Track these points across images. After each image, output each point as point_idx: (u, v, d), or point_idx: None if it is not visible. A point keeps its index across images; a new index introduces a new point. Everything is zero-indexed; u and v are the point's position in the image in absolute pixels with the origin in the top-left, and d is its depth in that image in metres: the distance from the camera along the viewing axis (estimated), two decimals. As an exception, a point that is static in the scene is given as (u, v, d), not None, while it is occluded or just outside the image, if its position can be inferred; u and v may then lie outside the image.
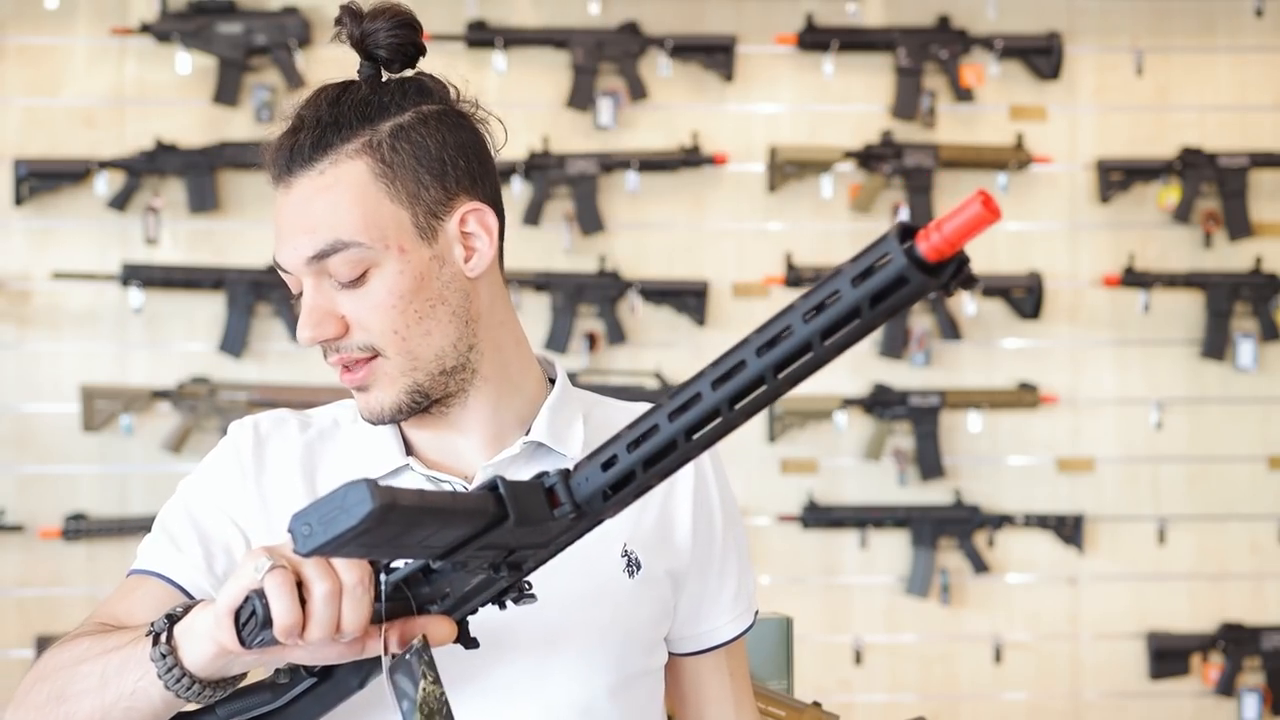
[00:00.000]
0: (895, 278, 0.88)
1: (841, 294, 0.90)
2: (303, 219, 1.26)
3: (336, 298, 1.26)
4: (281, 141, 1.27)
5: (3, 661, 3.71)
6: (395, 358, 1.26)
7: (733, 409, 0.96)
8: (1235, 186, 3.91)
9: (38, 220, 3.75)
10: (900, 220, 0.86)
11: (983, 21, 3.95)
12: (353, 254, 1.24)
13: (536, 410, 1.35)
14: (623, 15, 3.86)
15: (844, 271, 0.90)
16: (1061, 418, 3.93)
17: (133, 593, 1.32)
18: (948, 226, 0.86)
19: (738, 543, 1.42)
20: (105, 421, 3.67)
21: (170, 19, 3.73)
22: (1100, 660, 3.93)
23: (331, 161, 1.26)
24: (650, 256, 3.85)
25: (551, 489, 1.02)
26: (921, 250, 0.87)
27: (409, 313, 1.26)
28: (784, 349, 0.93)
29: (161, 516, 1.37)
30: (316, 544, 0.92)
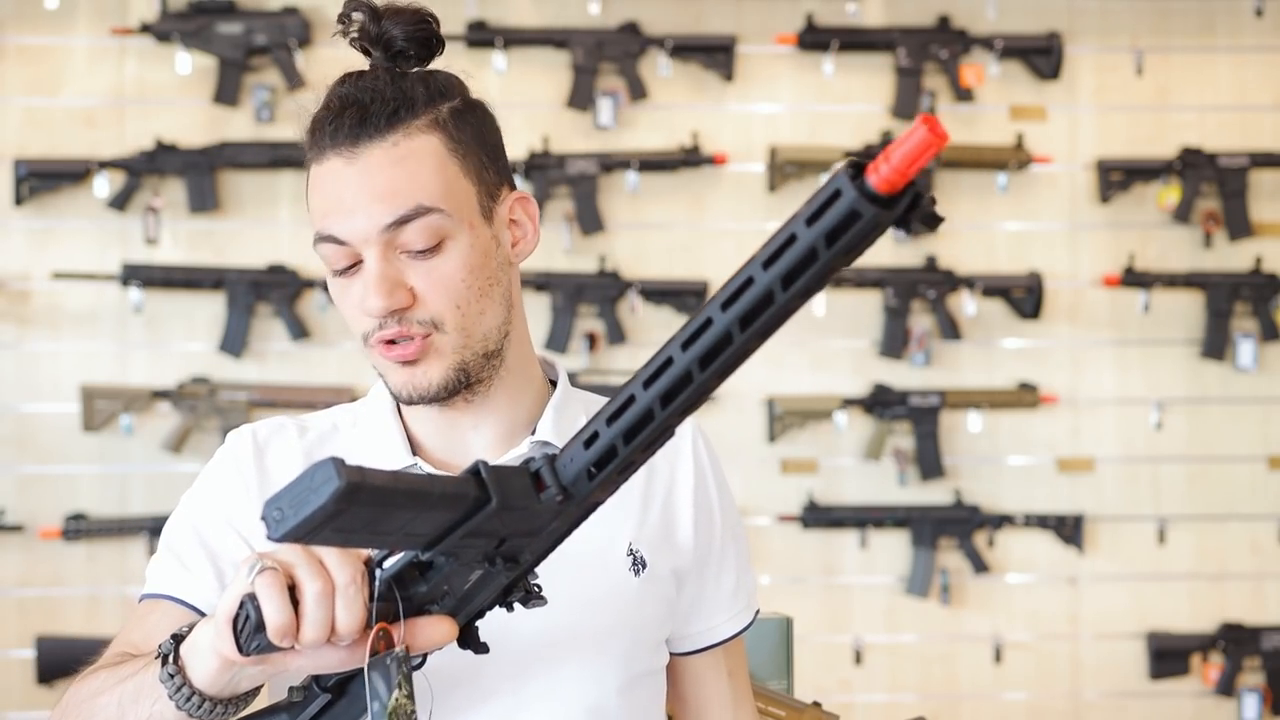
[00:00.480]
0: (848, 212, 0.87)
1: (798, 236, 0.89)
2: (378, 186, 1.24)
3: (405, 270, 1.25)
4: (341, 116, 1.25)
5: (3, 661, 3.71)
6: (452, 334, 1.26)
7: (704, 369, 0.95)
8: (1235, 186, 3.91)
9: (38, 220, 3.75)
10: (848, 158, 0.87)
11: (983, 21, 3.95)
12: (434, 220, 1.25)
13: (541, 410, 1.36)
14: (623, 15, 3.86)
15: (798, 214, 0.89)
16: (1061, 418, 3.93)
17: (147, 618, 1.32)
18: (895, 155, 0.84)
19: (736, 541, 1.42)
20: (105, 421, 3.67)
21: (170, 19, 3.73)
22: (1100, 660, 3.93)
23: (404, 134, 1.26)
24: (650, 256, 3.85)
25: (537, 473, 1.00)
26: (872, 183, 0.86)
27: (473, 288, 1.27)
28: (747, 301, 0.92)
29: (166, 537, 1.36)
30: (288, 528, 0.89)
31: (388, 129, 1.25)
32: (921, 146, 0.84)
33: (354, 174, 1.24)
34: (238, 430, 1.39)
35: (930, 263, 3.86)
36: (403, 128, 1.26)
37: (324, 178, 1.26)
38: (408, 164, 1.25)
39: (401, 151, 1.25)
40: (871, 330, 3.89)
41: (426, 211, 1.24)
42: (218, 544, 1.32)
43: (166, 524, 1.38)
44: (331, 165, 1.25)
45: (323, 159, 1.26)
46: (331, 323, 3.78)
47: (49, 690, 3.66)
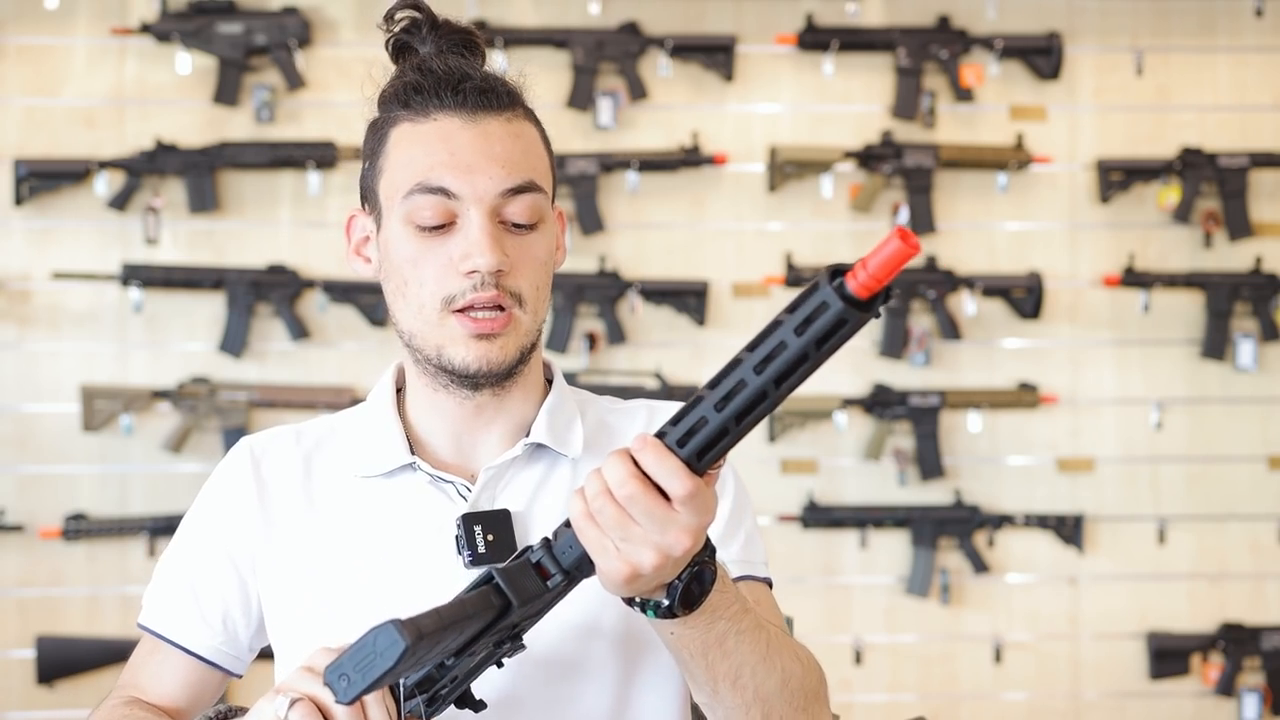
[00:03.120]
0: (835, 321, 0.97)
1: (788, 344, 0.99)
2: (498, 152, 1.27)
3: (504, 238, 1.28)
4: (462, 84, 1.28)
5: (3, 661, 3.71)
6: (529, 314, 1.30)
7: (700, 461, 1.04)
8: (1235, 186, 3.91)
9: (38, 220, 3.75)
10: (827, 267, 0.99)
11: (983, 21, 3.95)
12: (538, 199, 1.29)
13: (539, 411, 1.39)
14: (623, 15, 3.86)
15: (785, 323, 0.99)
16: (1061, 418, 3.93)
17: (150, 659, 1.39)
18: (872, 264, 0.94)
19: (730, 504, 1.40)
20: (105, 421, 3.67)
21: (170, 19, 3.73)
22: (1100, 660, 3.93)
23: (516, 117, 1.31)
24: (650, 256, 3.85)
25: (539, 564, 1.09)
26: (853, 290, 0.96)
27: (546, 274, 1.32)
28: (742, 400, 1.01)
29: (170, 567, 1.41)
30: (357, 691, 0.98)
31: (507, 107, 1.30)
32: (896, 257, 0.93)
33: (474, 135, 1.27)
34: (236, 447, 1.42)
35: (930, 263, 3.86)
36: (513, 111, 1.31)
37: (434, 134, 1.28)
38: (522, 141, 1.30)
39: (516, 129, 1.30)
40: (871, 330, 3.89)
41: (536, 189, 1.29)
42: (221, 590, 1.37)
43: (169, 548, 1.42)
44: (448, 124, 1.28)
45: (428, 117, 1.28)
46: (331, 323, 3.78)
47: (49, 690, 3.66)
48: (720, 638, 1.15)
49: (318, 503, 1.37)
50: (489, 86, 1.29)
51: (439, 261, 1.27)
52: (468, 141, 1.27)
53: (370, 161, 1.34)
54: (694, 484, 1.03)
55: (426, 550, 1.32)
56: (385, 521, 1.34)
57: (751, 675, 1.18)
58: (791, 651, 1.24)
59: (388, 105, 1.32)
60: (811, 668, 1.26)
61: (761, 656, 1.18)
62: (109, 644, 3.64)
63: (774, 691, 1.20)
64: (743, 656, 1.17)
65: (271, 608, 1.37)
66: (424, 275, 1.28)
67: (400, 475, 1.35)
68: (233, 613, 1.37)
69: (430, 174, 1.27)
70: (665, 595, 1.09)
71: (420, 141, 1.28)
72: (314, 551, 1.35)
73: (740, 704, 1.20)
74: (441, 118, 1.28)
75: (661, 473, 1.03)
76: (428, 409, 1.36)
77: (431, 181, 1.27)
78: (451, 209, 1.27)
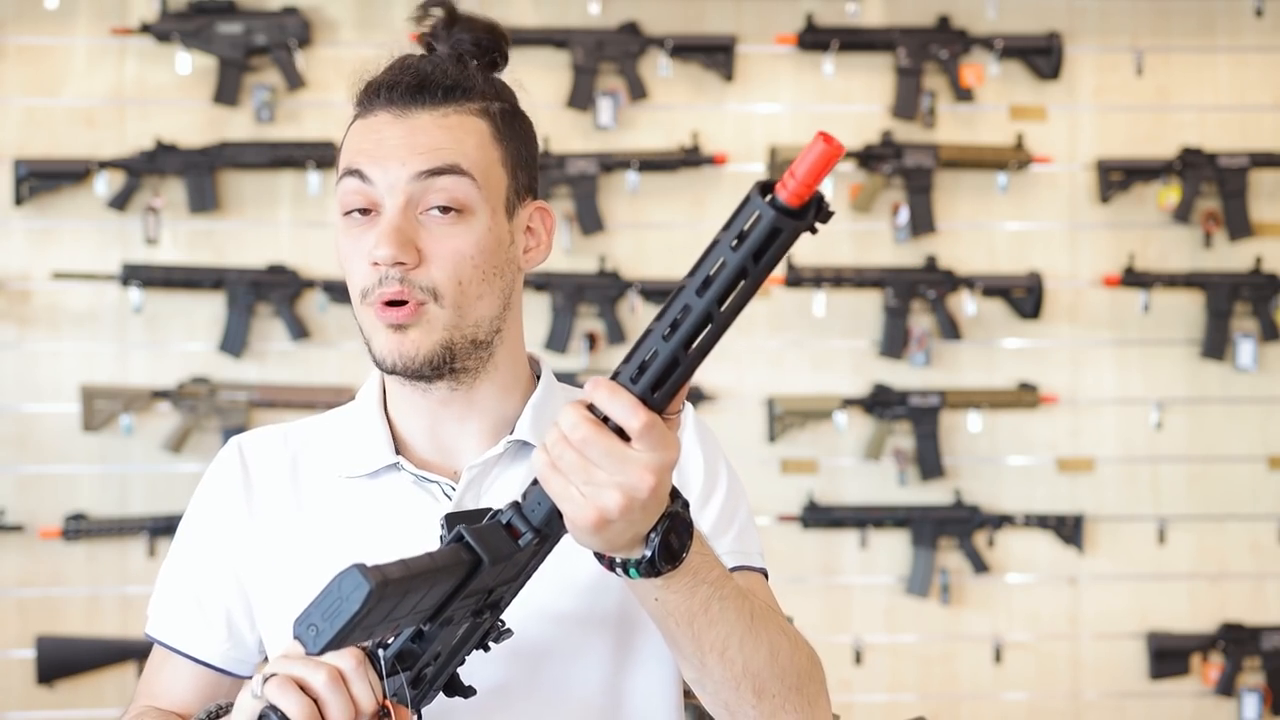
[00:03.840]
0: (769, 231, 0.97)
1: (726, 261, 0.99)
2: (421, 141, 1.29)
3: (419, 231, 1.28)
4: (401, 77, 1.30)
5: (3, 661, 3.71)
6: (448, 309, 1.28)
7: (655, 394, 1.03)
8: (1235, 186, 3.91)
9: (38, 220, 3.75)
10: (757, 181, 0.99)
11: (983, 21, 3.95)
12: (463, 185, 1.28)
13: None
14: (623, 15, 3.86)
15: (721, 240, 0.99)
16: (1061, 418, 3.93)
17: (164, 669, 1.41)
18: (800, 169, 0.95)
19: (723, 495, 1.40)
20: (105, 421, 3.67)
21: (170, 19, 3.73)
22: (1100, 660, 3.93)
23: (455, 111, 1.31)
24: (650, 256, 3.85)
25: (509, 523, 1.09)
26: (784, 199, 0.96)
27: (477, 269, 1.29)
28: (688, 326, 1.01)
29: (172, 574, 1.42)
30: (326, 639, 0.98)
31: (442, 102, 1.30)
32: (822, 159, 0.94)
33: (400, 129, 1.29)
34: (225, 447, 1.43)
35: (930, 263, 3.86)
36: (455, 105, 1.31)
37: (367, 127, 1.31)
38: (454, 132, 1.30)
39: (450, 122, 1.30)
40: (871, 330, 3.89)
41: (460, 172, 1.28)
42: (222, 595, 1.39)
43: (169, 554, 1.43)
44: (379, 119, 1.30)
45: (370, 113, 1.31)
46: (331, 323, 3.78)
47: (49, 690, 3.66)
48: (705, 603, 1.14)
49: (305, 504, 1.38)
50: (426, 83, 1.30)
51: (360, 253, 1.29)
52: (393, 134, 1.29)
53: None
54: (648, 417, 1.03)
55: (413, 551, 1.31)
56: (371, 523, 1.34)
57: (739, 647, 1.17)
58: (778, 626, 1.23)
59: (355, 108, 1.36)
60: (800, 647, 1.26)
61: (747, 626, 1.18)
62: (109, 644, 3.64)
63: (763, 665, 1.19)
64: (729, 625, 1.16)
65: (262, 609, 1.38)
66: (350, 267, 1.31)
67: (384, 475, 1.36)
68: (236, 617, 1.39)
69: (353, 159, 1.30)
70: (645, 548, 1.08)
71: (356, 134, 1.31)
72: (301, 553, 1.35)
73: (729, 677, 1.19)
74: (379, 112, 1.30)
75: (614, 410, 1.03)
76: (404, 405, 1.37)
77: (351, 165, 1.30)
78: (371, 196, 1.29)
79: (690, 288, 1.00)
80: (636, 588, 1.13)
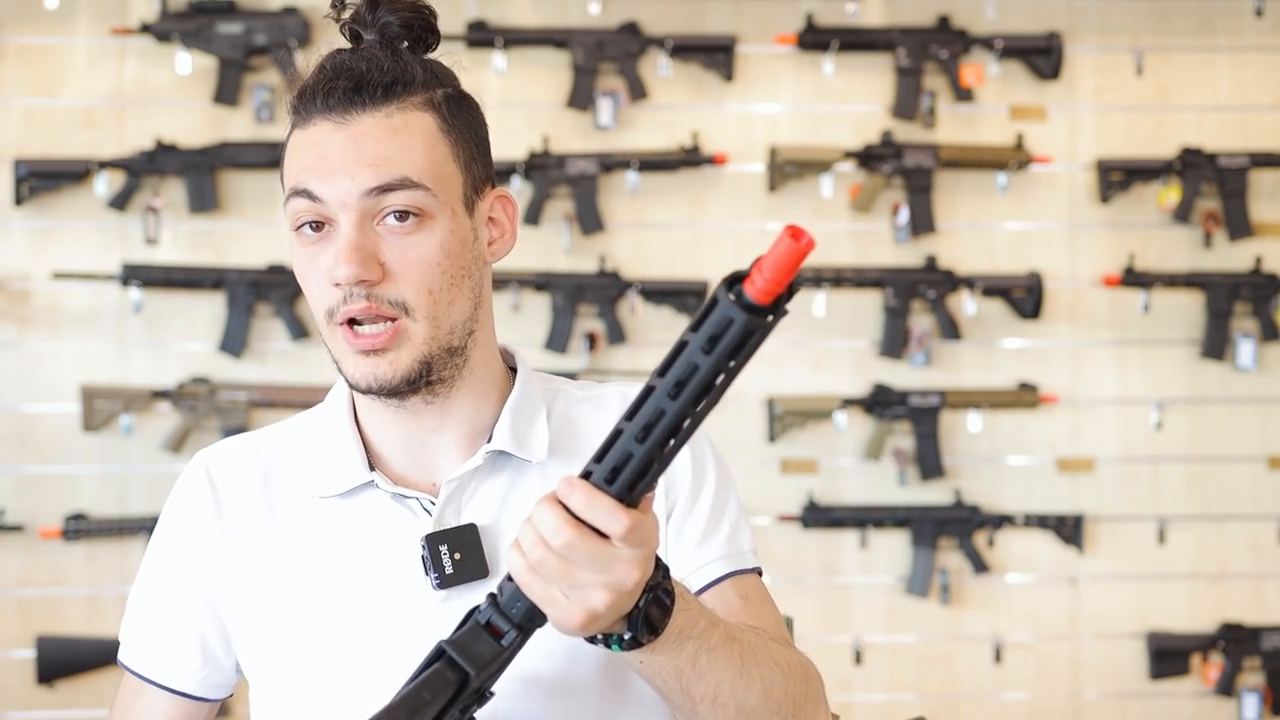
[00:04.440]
0: (742, 334, 0.95)
1: (699, 365, 0.96)
2: (368, 152, 1.21)
3: (379, 244, 1.21)
4: (335, 82, 1.23)
5: (3, 661, 3.71)
6: (421, 321, 1.22)
7: (632, 493, 1.01)
8: (1235, 186, 3.90)
9: (38, 220, 3.74)
10: (725, 277, 0.98)
11: (983, 21, 3.95)
12: (418, 195, 1.22)
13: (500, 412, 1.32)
14: (623, 15, 3.86)
15: (691, 343, 0.96)
16: (1061, 418, 3.93)
17: (139, 700, 1.35)
18: (767, 268, 0.93)
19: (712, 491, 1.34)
20: (105, 421, 3.67)
21: (170, 19, 3.73)
22: (1100, 660, 3.93)
23: (399, 108, 1.23)
24: (650, 256, 3.85)
25: (490, 623, 1.07)
26: (753, 297, 0.94)
27: (445, 275, 1.23)
28: (663, 429, 0.98)
29: (141, 599, 1.36)
30: None
31: (383, 100, 1.23)
32: (791, 258, 0.93)
33: (343, 138, 1.22)
34: (190, 465, 1.36)
35: (930, 263, 3.86)
36: (398, 101, 1.23)
37: (308, 140, 1.23)
38: (400, 136, 1.22)
39: (395, 123, 1.23)
40: (871, 330, 3.89)
41: (413, 185, 1.21)
42: (196, 620, 1.33)
43: (139, 579, 1.37)
44: (319, 129, 1.22)
45: (309, 123, 1.23)
46: (331, 323, 3.77)
47: (49, 690, 3.66)
48: (692, 658, 1.11)
49: (279, 523, 1.31)
50: (364, 82, 1.22)
51: (318, 272, 1.22)
52: (336, 145, 1.21)
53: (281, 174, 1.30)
54: (630, 519, 1.00)
55: (393, 574, 1.26)
56: (348, 545, 1.28)
57: (731, 692, 1.14)
58: (769, 658, 1.19)
59: (291, 113, 1.28)
60: (794, 671, 1.22)
61: (738, 671, 1.14)
62: (109, 644, 3.63)
63: (757, 704, 1.16)
64: (718, 675, 1.13)
65: (239, 634, 1.32)
66: (309, 287, 1.24)
67: (360, 494, 1.29)
68: (210, 642, 1.33)
69: (300, 178, 1.22)
70: (627, 628, 1.06)
71: (298, 148, 1.24)
72: (278, 575, 1.29)
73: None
74: (317, 121, 1.22)
75: (595, 515, 1.00)
76: (376, 419, 1.30)
77: (299, 185, 1.22)
78: (323, 213, 1.22)
79: (661, 390, 0.97)
80: (620, 656, 1.10)
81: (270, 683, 1.30)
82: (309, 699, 1.27)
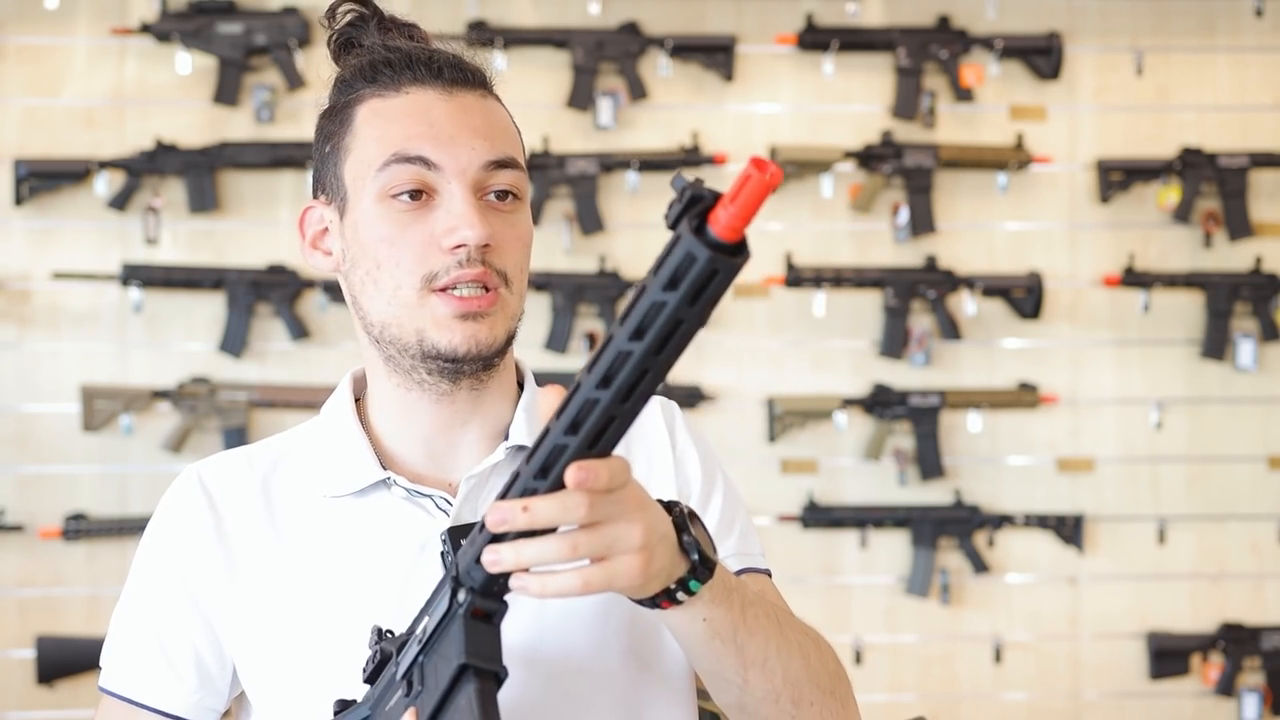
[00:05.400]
0: (706, 272, 0.88)
1: (661, 306, 0.90)
2: (478, 125, 1.22)
3: (486, 215, 1.22)
4: (433, 57, 1.24)
5: (3, 661, 3.71)
6: (514, 295, 1.24)
7: (593, 448, 0.98)
8: (1235, 186, 3.91)
9: (38, 220, 3.75)
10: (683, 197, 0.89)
11: (983, 21, 3.95)
12: (520, 177, 1.24)
13: (513, 411, 1.31)
14: (623, 15, 3.86)
15: (652, 285, 0.90)
16: (1061, 418, 3.93)
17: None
18: (736, 201, 0.86)
19: (722, 496, 1.35)
20: (105, 421, 3.67)
21: (170, 19, 3.73)
22: (1100, 660, 3.93)
23: (486, 94, 1.26)
24: (650, 256, 3.84)
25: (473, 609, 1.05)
26: (720, 235, 0.87)
27: (527, 256, 1.26)
28: (626, 376, 0.94)
29: (128, 621, 1.29)
30: None
31: (479, 84, 1.26)
32: (759, 191, 0.86)
33: (453, 108, 1.22)
34: (180, 478, 1.32)
35: (930, 263, 3.86)
36: (485, 89, 1.27)
37: (408, 106, 1.22)
38: (498, 118, 1.26)
39: (491, 106, 1.26)
40: (871, 330, 3.89)
41: (517, 165, 1.24)
42: (190, 638, 1.26)
43: (122, 600, 1.31)
44: (423, 96, 1.22)
45: (400, 91, 1.23)
46: (331, 323, 3.78)
47: (49, 690, 3.66)
48: (742, 609, 1.10)
49: (284, 531, 1.26)
50: (462, 63, 1.24)
51: (418, 239, 1.20)
52: (446, 114, 1.21)
53: (332, 144, 1.25)
54: (609, 465, 0.99)
55: (411, 572, 1.23)
56: (362, 544, 1.24)
57: (777, 655, 1.14)
58: (800, 629, 1.20)
59: (349, 86, 1.25)
60: (824, 646, 1.22)
61: (779, 631, 1.14)
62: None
63: (799, 671, 1.16)
64: (765, 633, 1.12)
65: (244, 653, 1.25)
66: (401, 254, 1.20)
67: (373, 493, 1.26)
68: (206, 660, 1.26)
69: (408, 144, 1.20)
70: (685, 559, 1.05)
71: (394, 115, 1.21)
72: (288, 586, 1.24)
73: (770, 691, 1.14)
74: (415, 91, 1.22)
75: (557, 514, 0.99)
76: (398, 415, 1.27)
77: (410, 151, 1.20)
78: (431, 182, 1.20)
79: (622, 336, 0.92)
80: (685, 616, 1.09)
81: (278, 689, 1.25)
82: (323, 698, 1.22)
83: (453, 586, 1.05)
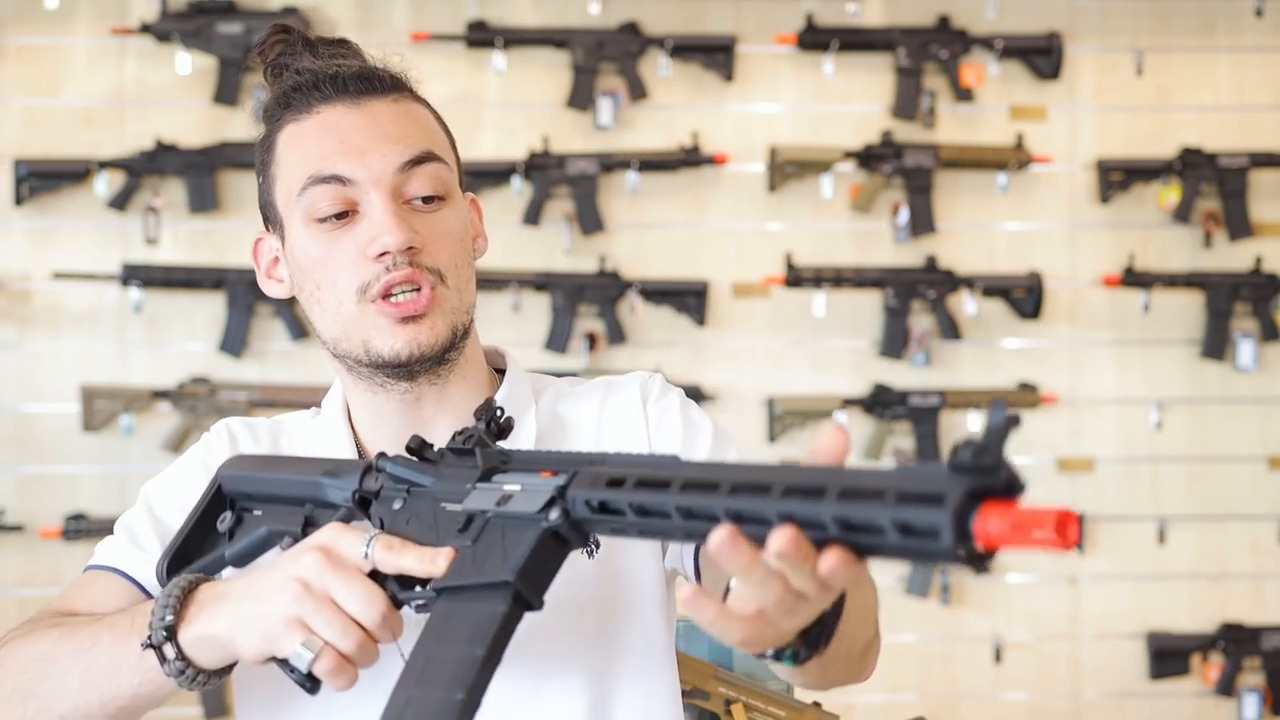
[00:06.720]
0: (929, 550, 0.78)
1: (883, 527, 0.79)
2: (390, 130, 1.25)
3: (410, 217, 1.24)
4: (338, 74, 1.26)
5: (3, 661, 3.70)
6: (452, 289, 1.25)
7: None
8: (1235, 186, 3.90)
9: (38, 220, 3.74)
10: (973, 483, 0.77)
11: (983, 21, 3.95)
12: (441, 170, 1.26)
13: None
14: (623, 15, 3.86)
15: (887, 496, 0.79)
16: (1061, 418, 3.93)
17: (91, 587, 1.30)
18: (1012, 531, 0.74)
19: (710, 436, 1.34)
20: (105, 421, 3.67)
21: (170, 19, 3.73)
22: (1100, 660, 3.93)
23: (402, 98, 1.29)
24: (650, 256, 3.85)
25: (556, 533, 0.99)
26: (977, 543, 0.76)
27: (463, 251, 1.28)
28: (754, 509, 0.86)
29: (124, 518, 1.35)
30: None
31: (390, 90, 1.27)
32: (1037, 542, 0.74)
33: (361, 119, 1.25)
34: (216, 426, 1.41)
35: (930, 263, 3.86)
36: (398, 92, 1.29)
37: (318, 126, 1.25)
38: (412, 118, 1.27)
39: (404, 108, 1.28)
40: (871, 330, 3.89)
41: (436, 159, 1.26)
42: (172, 526, 1.30)
43: (132, 509, 1.37)
44: (333, 113, 1.25)
45: (311, 112, 1.25)
46: (331, 323, 3.77)
47: (49, 690, 3.66)
48: None
49: None
50: (369, 73, 1.27)
51: (348, 254, 1.23)
52: (354, 126, 1.24)
53: (264, 174, 1.29)
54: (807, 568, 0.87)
55: None
56: None
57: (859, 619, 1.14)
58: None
59: (270, 115, 1.29)
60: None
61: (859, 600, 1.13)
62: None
63: (870, 619, 1.20)
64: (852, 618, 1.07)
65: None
66: (335, 272, 1.24)
67: None
68: None
69: (321, 164, 1.23)
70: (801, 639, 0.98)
71: (307, 136, 1.25)
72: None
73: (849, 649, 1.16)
74: (324, 109, 1.25)
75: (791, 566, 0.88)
76: (370, 418, 1.32)
77: (324, 171, 1.23)
78: (350, 196, 1.23)
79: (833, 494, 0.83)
80: None
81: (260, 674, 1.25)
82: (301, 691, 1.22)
83: (556, 495, 0.97)
